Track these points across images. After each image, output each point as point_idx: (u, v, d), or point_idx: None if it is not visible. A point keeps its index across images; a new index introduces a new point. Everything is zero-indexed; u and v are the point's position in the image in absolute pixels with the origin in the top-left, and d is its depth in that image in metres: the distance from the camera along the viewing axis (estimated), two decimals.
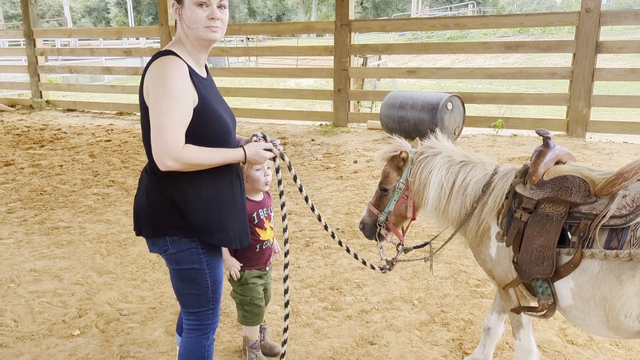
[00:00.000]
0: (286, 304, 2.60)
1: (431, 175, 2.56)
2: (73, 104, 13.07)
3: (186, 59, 2.17)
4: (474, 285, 3.99)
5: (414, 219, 2.75)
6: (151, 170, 2.21)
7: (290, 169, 2.49)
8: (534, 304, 2.43)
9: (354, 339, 3.33)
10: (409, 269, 4.22)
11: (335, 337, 3.36)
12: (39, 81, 13.12)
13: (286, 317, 2.61)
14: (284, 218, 2.52)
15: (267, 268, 2.95)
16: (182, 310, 2.43)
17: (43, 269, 4.37)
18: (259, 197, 2.85)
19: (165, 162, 2.04)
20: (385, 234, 2.77)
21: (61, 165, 7.65)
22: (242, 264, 2.83)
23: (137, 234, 2.31)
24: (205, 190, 2.21)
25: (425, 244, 2.86)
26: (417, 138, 2.83)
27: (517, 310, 2.44)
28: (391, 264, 2.87)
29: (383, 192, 2.74)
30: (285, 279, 2.55)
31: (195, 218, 2.20)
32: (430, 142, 2.71)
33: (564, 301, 2.25)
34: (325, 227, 2.74)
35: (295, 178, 2.53)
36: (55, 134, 9.91)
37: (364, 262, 2.92)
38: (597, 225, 2.10)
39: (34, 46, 12.87)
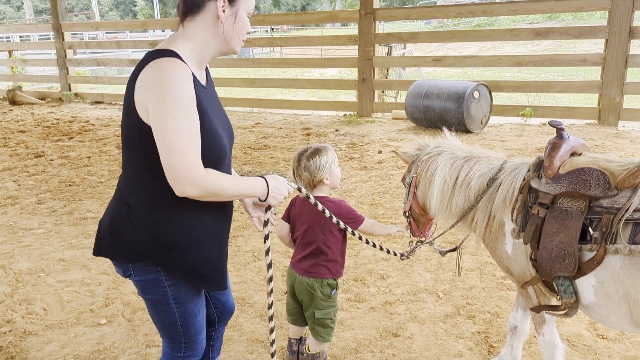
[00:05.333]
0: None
1: (435, 172, 2.59)
2: (101, 96, 13.26)
3: (189, 61, 1.84)
4: (500, 277, 3.91)
5: (429, 218, 2.82)
6: (127, 189, 1.93)
7: (311, 200, 2.32)
8: (554, 301, 2.35)
9: (377, 330, 3.31)
10: (434, 261, 4.17)
11: (358, 328, 3.34)
12: (68, 74, 13.36)
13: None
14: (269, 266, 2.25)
15: None
16: None
17: (71, 258, 4.45)
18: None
19: (185, 189, 1.74)
20: (408, 227, 2.87)
21: (89, 157, 7.79)
22: (339, 272, 2.70)
23: (95, 254, 2.01)
24: (196, 228, 1.94)
25: (455, 249, 2.88)
26: (445, 129, 2.83)
27: (538, 309, 2.37)
28: (410, 252, 2.90)
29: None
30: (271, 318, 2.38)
31: (170, 251, 1.92)
32: (437, 141, 2.74)
33: (585, 298, 2.17)
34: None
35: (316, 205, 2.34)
36: (83, 126, 10.09)
37: (374, 245, 2.80)
38: (620, 220, 2.01)
39: (63, 40, 13.09)
